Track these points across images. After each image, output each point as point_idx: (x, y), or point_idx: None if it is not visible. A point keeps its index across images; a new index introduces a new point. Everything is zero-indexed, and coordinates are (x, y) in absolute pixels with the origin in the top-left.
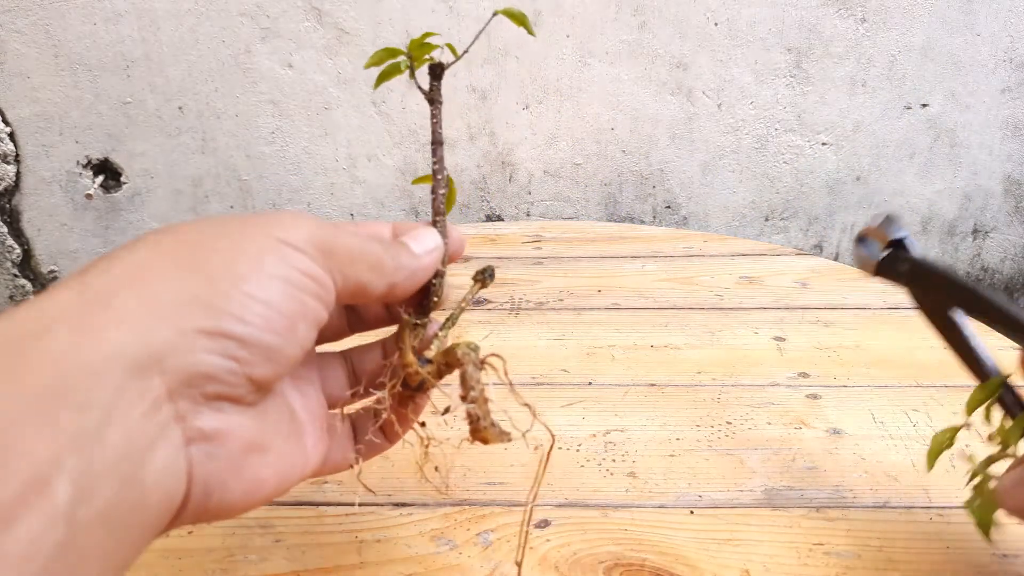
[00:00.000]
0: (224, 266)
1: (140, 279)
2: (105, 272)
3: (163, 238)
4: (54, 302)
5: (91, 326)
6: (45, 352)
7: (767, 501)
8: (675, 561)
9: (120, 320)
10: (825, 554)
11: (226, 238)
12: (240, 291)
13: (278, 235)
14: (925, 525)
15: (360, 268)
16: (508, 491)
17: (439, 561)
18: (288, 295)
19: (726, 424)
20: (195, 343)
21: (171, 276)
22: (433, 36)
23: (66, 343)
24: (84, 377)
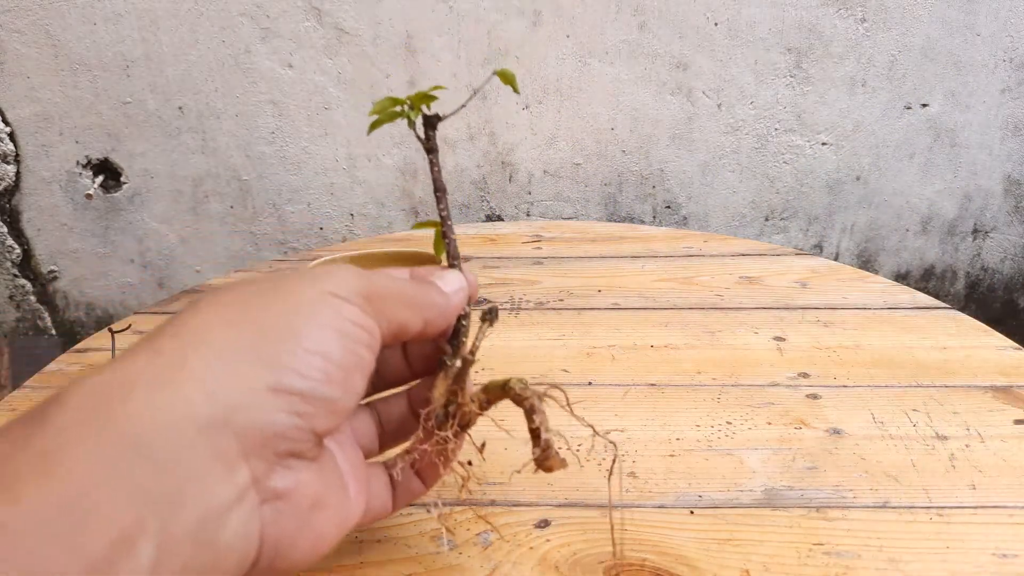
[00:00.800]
0: (282, 322)
1: (206, 340)
2: (174, 336)
3: (223, 298)
4: (132, 364)
5: (166, 388)
6: (126, 414)
7: (767, 501)
8: (675, 561)
9: (191, 381)
10: (825, 554)
11: (280, 295)
12: (299, 346)
13: (327, 288)
14: (925, 525)
15: (399, 308)
16: (508, 491)
17: (439, 561)
18: (343, 347)
19: (726, 424)
20: (262, 401)
21: (234, 335)
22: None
23: (144, 404)
24: (161, 437)
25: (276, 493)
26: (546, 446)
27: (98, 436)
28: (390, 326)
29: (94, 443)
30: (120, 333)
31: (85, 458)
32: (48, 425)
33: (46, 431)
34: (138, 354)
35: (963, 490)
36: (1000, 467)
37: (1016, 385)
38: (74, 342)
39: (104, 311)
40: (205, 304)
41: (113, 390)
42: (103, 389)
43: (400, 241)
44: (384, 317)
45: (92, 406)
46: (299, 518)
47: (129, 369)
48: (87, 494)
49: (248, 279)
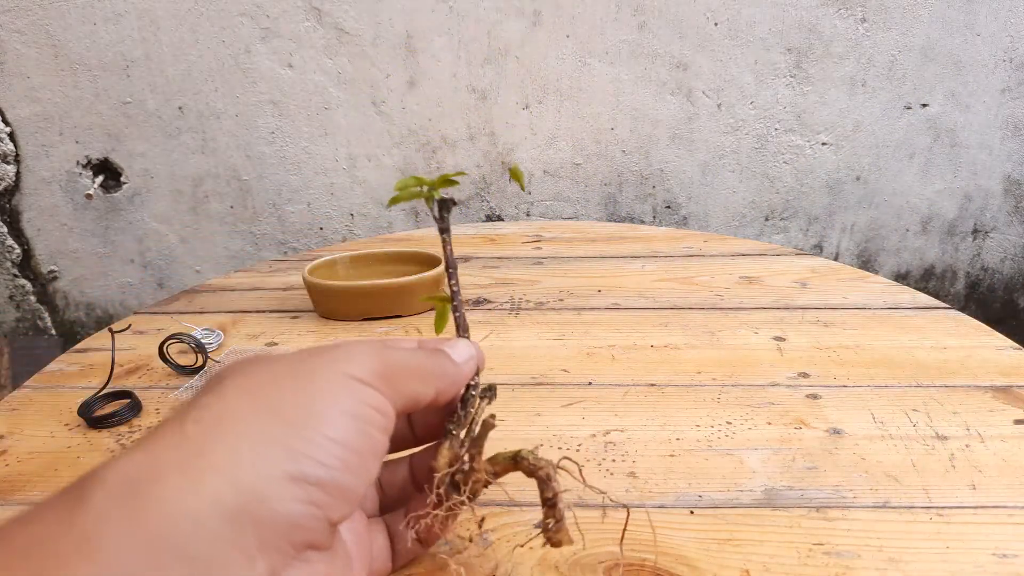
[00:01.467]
0: (303, 409)
1: (228, 427)
2: (198, 421)
3: (246, 383)
4: (162, 449)
5: (192, 477)
6: (156, 502)
7: (767, 501)
8: (675, 561)
9: (216, 470)
10: (825, 554)
11: (302, 379)
12: (319, 433)
13: (346, 371)
14: (925, 525)
15: (413, 382)
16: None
17: (439, 561)
18: (360, 432)
19: (726, 424)
20: (281, 491)
21: (254, 421)
22: (460, 175)
23: (173, 492)
24: (189, 527)
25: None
26: (560, 517)
27: (132, 524)
28: (404, 400)
29: (129, 531)
30: (120, 333)
31: (121, 547)
32: (88, 506)
33: (87, 513)
34: (166, 438)
35: (963, 490)
36: (1000, 467)
37: (1016, 385)
38: (74, 342)
39: (104, 311)
40: (230, 389)
41: (144, 475)
42: (136, 473)
43: (400, 241)
44: (398, 393)
45: (127, 492)
46: None
47: (158, 455)
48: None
49: (269, 357)
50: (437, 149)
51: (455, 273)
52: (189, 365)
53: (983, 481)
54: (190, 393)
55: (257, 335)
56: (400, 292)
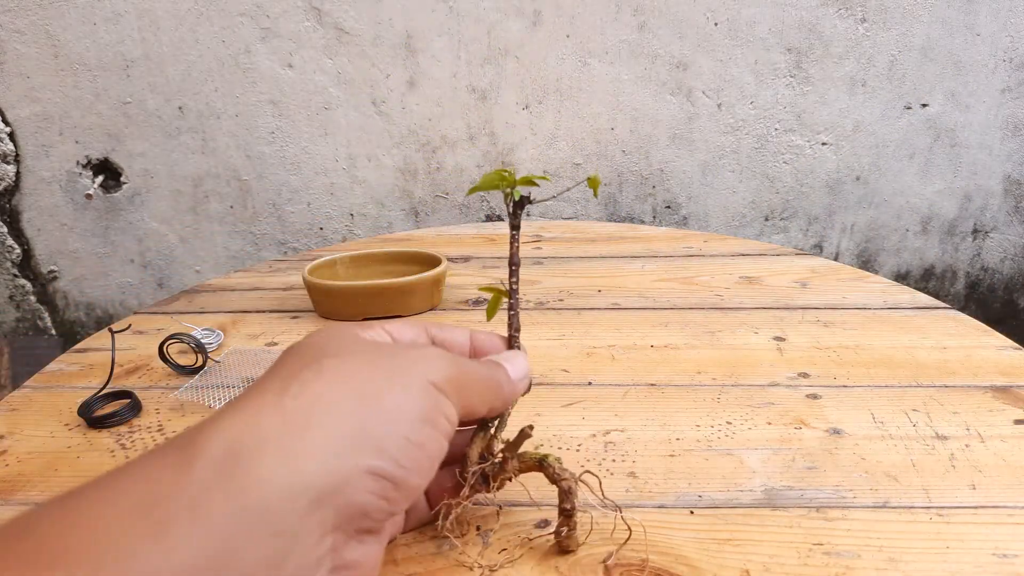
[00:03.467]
0: (390, 407)
1: (326, 411)
2: (297, 397)
3: (339, 365)
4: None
5: (289, 458)
6: (256, 477)
7: (767, 501)
8: (675, 561)
9: (311, 452)
10: (825, 554)
11: (390, 375)
12: (402, 435)
13: (428, 376)
14: (925, 525)
15: (474, 396)
16: (508, 491)
17: (439, 561)
18: (434, 439)
19: (726, 424)
20: (363, 483)
21: (349, 411)
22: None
23: (271, 470)
24: (283, 504)
25: (346, 564)
26: (573, 527)
27: (233, 496)
28: (465, 412)
29: (230, 502)
30: (120, 333)
31: (222, 516)
32: (193, 474)
33: (192, 480)
34: (266, 409)
35: (963, 490)
36: (1000, 467)
37: (1016, 385)
38: (74, 342)
39: (104, 311)
40: (328, 369)
41: (245, 448)
42: (237, 445)
43: (400, 241)
44: (462, 405)
45: (229, 464)
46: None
47: (259, 427)
48: (224, 549)
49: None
50: (437, 149)
51: (517, 271)
52: (189, 365)
53: (983, 481)
54: (190, 394)
55: (257, 335)
56: (400, 292)
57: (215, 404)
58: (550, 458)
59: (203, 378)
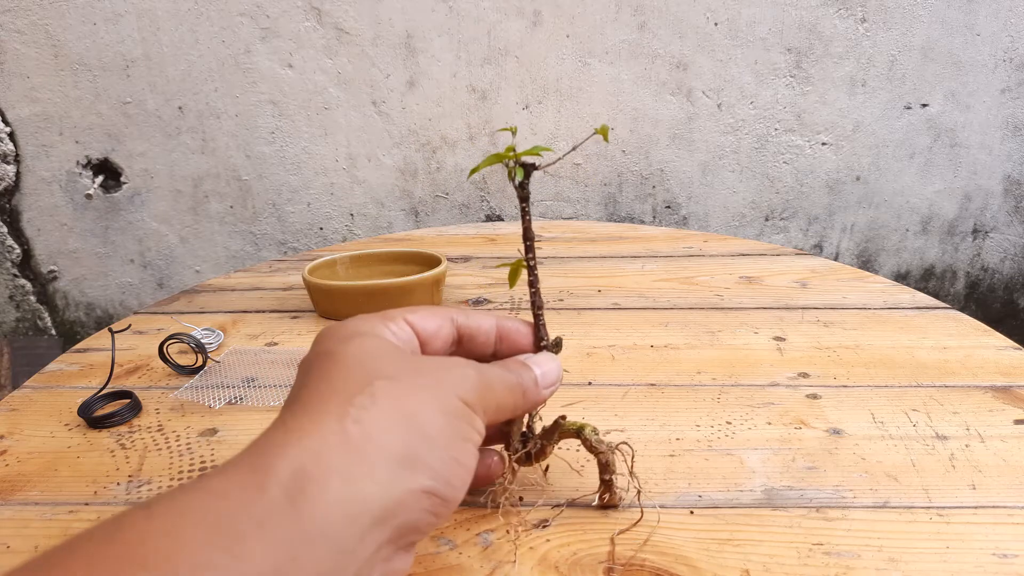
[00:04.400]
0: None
1: (382, 437)
2: (358, 422)
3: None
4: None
5: (352, 480)
6: (321, 498)
7: (767, 501)
8: (675, 561)
9: (371, 479)
10: (825, 554)
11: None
12: (448, 454)
13: (459, 394)
14: (925, 525)
15: (499, 406)
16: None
17: (439, 561)
18: (471, 454)
19: (726, 424)
20: (419, 502)
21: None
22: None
23: (336, 495)
24: (346, 526)
25: (393, 570)
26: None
27: (300, 519)
28: (489, 420)
29: (297, 524)
30: (120, 333)
31: (290, 534)
32: (264, 496)
33: (262, 501)
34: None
35: (963, 490)
36: (1000, 467)
37: (1016, 385)
38: (74, 342)
39: (104, 311)
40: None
41: (312, 474)
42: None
43: (400, 241)
44: (487, 414)
45: (298, 489)
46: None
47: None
48: (289, 564)
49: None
50: (437, 149)
51: (533, 246)
52: (189, 365)
53: (983, 481)
54: (190, 394)
55: (257, 335)
56: (400, 292)
57: (215, 404)
58: (587, 429)
59: (203, 378)
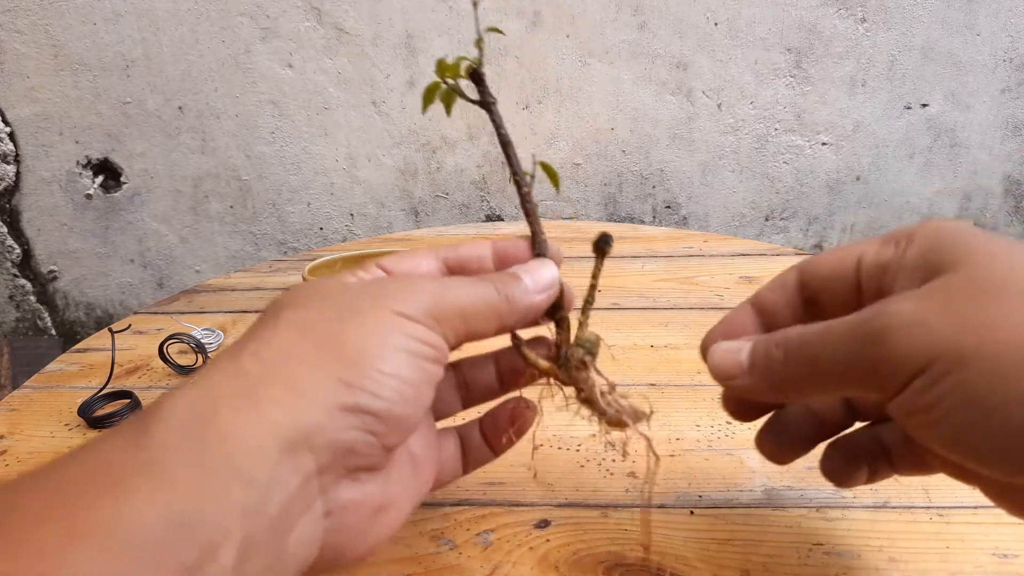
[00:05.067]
0: (357, 346)
1: (287, 363)
2: (255, 355)
3: (298, 317)
4: (220, 384)
5: (251, 409)
6: (216, 433)
7: (767, 501)
8: (675, 561)
9: (275, 403)
10: (825, 554)
11: (352, 317)
12: (374, 368)
13: (395, 308)
14: (925, 525)
15: (471, 322)
16: (508, 491)
17: (439, 561)
18: (413, 365)
19: (726, 424)
20: (340, 420)
21: (313, 359)
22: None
23: (232, 425)
24: (249, 455)
25: (341, 505)
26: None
27: (196, 452)
28: (459, 337)
29: (193, 458)
30: (120, 333)
31: (186, 470)
32: (151, 438)
33: (151, 443)
34: (224, 372)
35: (963, 490)
36: None
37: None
38: (74, 342)
39: (104, 311)
40: (285, 323)
41: (204, 409)
42: (196, 408)
43: (400, 241)
44: (453, 332)
45: (189, 424)
46: (360, 526)
47: (216, 390)
48: (188, 504)
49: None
50: (437, 149)
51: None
52: (189, 365)
53: None
54: None
55: None
56: None
57: None
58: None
59: None
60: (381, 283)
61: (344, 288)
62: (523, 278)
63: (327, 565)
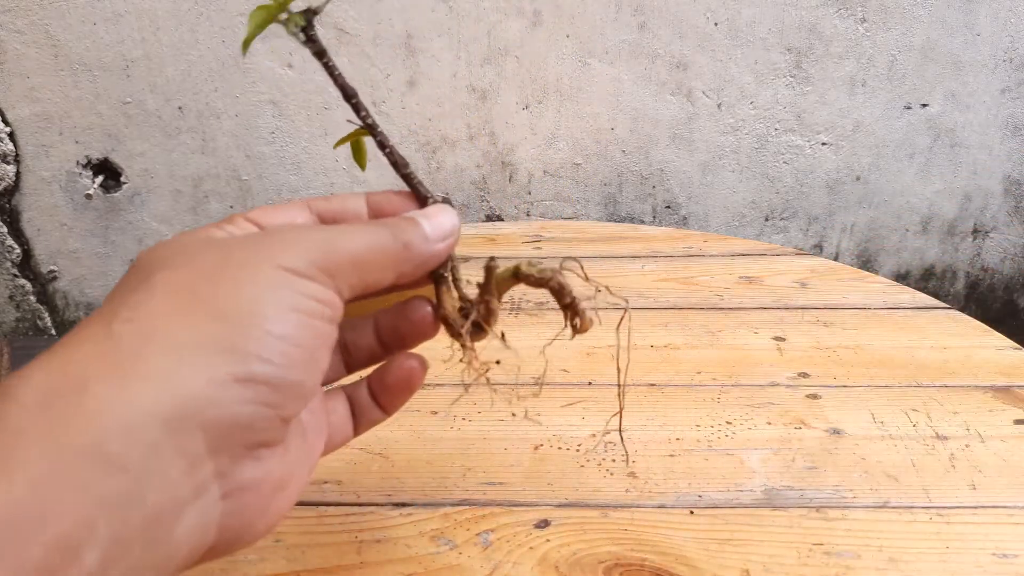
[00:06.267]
0: (241, 306)
1: (163, 329)
2: (128, 321)
3: (172, 277)
4: (88, 354)
5: (125, 384)
6: (82, 411)
7: (767, 501)
8: (675, 561)
9: (152, 375)
10: (825, 554)
11: (232, 272)
12: (261, 330)
13: (281, 263)
14: (925, 525)
15: (365, 272)
16: (508, 491)
17: (439, 561)
18: (304, 325)
19: (726, 424)
20: (229, 393)
21: (191, 323)
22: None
23: (103, 403)
24: (120, 436)
25: (241, 485)
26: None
27: (53, 437)
28: (353, 291)
29: (49, 445)
30: None
31: (37, 462)
32: (3, 423)
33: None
34: (90, 341)
35: (963, 490)
36: (1000, 467)
37: (1016, 385)
38: None
39: None
40: (159, 285)
41: (66, 385)
42: (56, 383)
43: None
44: (346, 284)
45: (47, 403)
46: (261, 505)
47: (85, 360)
48: (35, 500)
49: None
50: (437, 149)
51: (359, 103)
52: None
53: (983, 481)
54: None
55: None
56: (399, 292)
57: None
58: (522, 267)
59: None
60: (260, 236)
61: (220, 244)
62: (422, 224)
63: (222, 550)
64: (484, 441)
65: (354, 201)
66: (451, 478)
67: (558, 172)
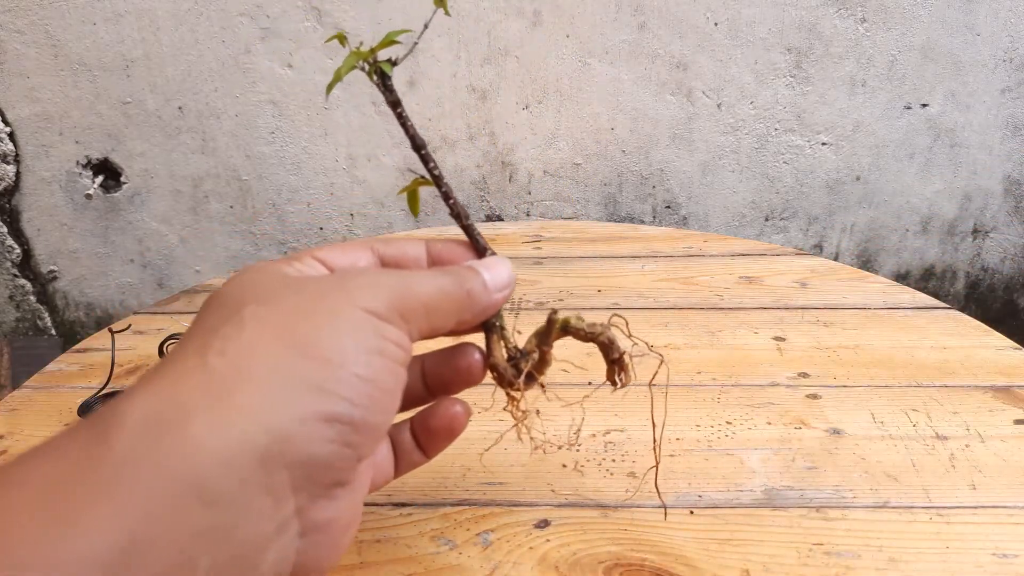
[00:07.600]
0: (327, 346)
1: (255, 364)
2: (221, 354)
3: (262, 313)
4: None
5: (222, 419)
6: (184, 447)
7: (767, 501)
8: (675, 561)
9: (244, 410)
10: (825, 554)
11: (320, 313)
12: (348, 372)
13: (363, 304)
14: (925, 525)
15: (433, 317)
16: (508, 491)
17: (439, 561)
18: (386, 369)
19: (726, 424)
20: (313, 431)
21: (283, 360)
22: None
23: (201, 434)
24: (218, 470)
25: (316, 525)
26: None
27: (158, 467)
28: (422, 334)
29: (154, 474)
30: (120, 333)
31: (145, 490)
32: (110, 448)
33: (105, 458)
34: (189, 373)
35: (963, 490)
36: (1000, 467)
37: (1016, 385)
38: (74, 342)
39: (104, 311)
40: (250, 320)
41: (169, 415)
42: (160, 413)
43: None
44: (417, 328)
45: (151, 433)
46: (333, 543)
47: (182, 392)
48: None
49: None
50: (437, 149)
51: (428, 154)
52: None
53: (983, 481)
54: None
55: None
56: None
57: None
58: (572, 320)
59: None
60: (341, 277)
61: (300, 283)
62: (483, 273)
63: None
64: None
65: (414, 247)
66: (451, 478)
67: (558, 172)
